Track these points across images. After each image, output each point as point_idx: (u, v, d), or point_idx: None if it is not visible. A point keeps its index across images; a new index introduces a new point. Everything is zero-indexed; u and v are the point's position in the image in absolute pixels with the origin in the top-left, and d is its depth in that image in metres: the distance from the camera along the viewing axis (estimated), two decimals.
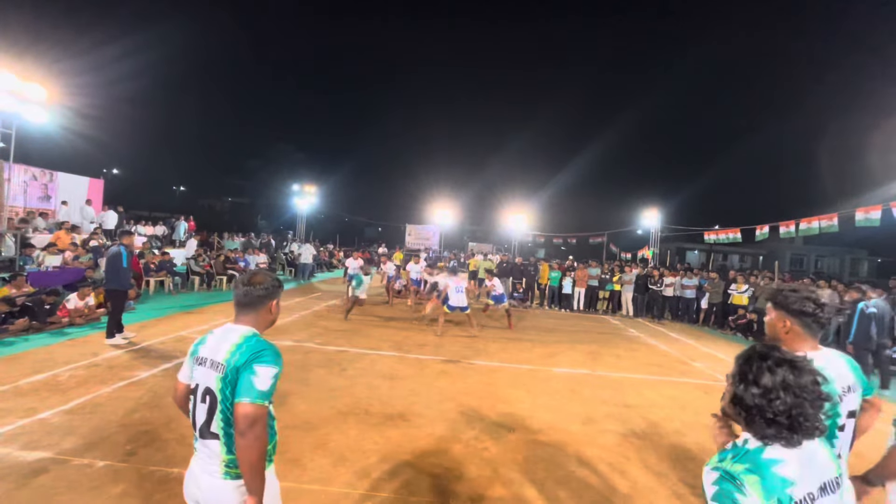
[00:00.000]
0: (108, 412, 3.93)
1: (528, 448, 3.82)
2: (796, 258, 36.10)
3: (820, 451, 1.16)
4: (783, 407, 1.10)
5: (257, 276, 1.71)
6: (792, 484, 1.08)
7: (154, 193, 38.02)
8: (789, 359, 1.17)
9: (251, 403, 1.46)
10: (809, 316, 1.66)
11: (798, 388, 1.12)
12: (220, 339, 1.61)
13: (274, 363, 1.54)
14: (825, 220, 10.27)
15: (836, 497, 1.14)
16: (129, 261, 6.22)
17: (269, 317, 1.73)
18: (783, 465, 1.10)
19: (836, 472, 1.16)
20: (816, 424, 1.12)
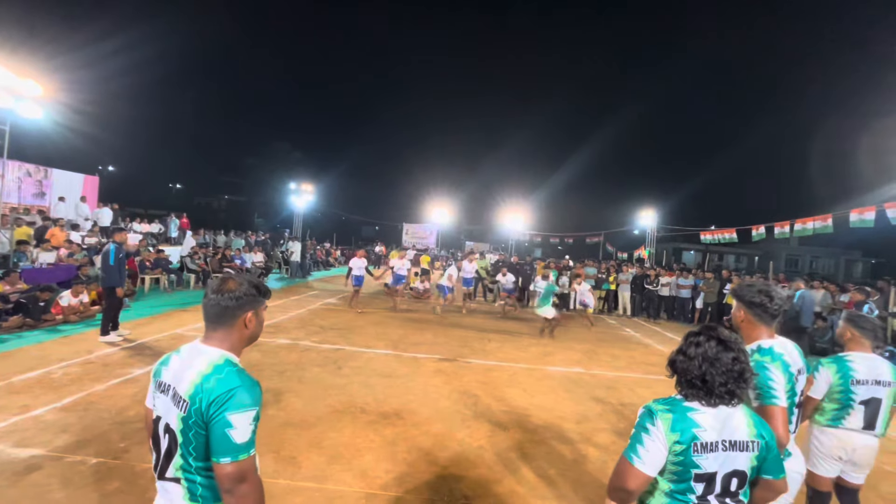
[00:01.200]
0: (101, 409, 3.91)
1: (523, 446, 3.83)
2: (791, 259, 36.35)
3: (737, 416, 1.38)
4: (698, 372, 1.39)
5: (228, 282, 1.39)
6: (700, 427, 1.34)
7: (150, 191, 37.83)
8: (722, 338, 1.42)
9: (233, 462, 1.21)
10: (759, 307, 1.86)
11: (713, 360, 1.38)
12: (184, 364, 1.32)
13: (251, 404, 1.25)
14: (820, 221, 10.34)
15: (746, 454, 1.36)
16: (117, 258, 6.18)
17: (244, 332, 1.40)
18: (697, 414, 1.36)
19: (751, 437, 1.37)
20: (725, 391, 1.37)
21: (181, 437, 1.27)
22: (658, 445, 1.35)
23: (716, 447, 1.33)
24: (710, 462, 1.33)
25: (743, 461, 1.36)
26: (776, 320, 1.91)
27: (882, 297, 9.11)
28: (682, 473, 1.35)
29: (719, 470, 1.35)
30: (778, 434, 1.65)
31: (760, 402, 1.74)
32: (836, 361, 2.48)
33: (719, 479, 1.35)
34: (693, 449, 1.32)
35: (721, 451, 1.34)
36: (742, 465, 1.36)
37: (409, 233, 32.09)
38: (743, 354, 1.41)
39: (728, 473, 1.36)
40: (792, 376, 1.82)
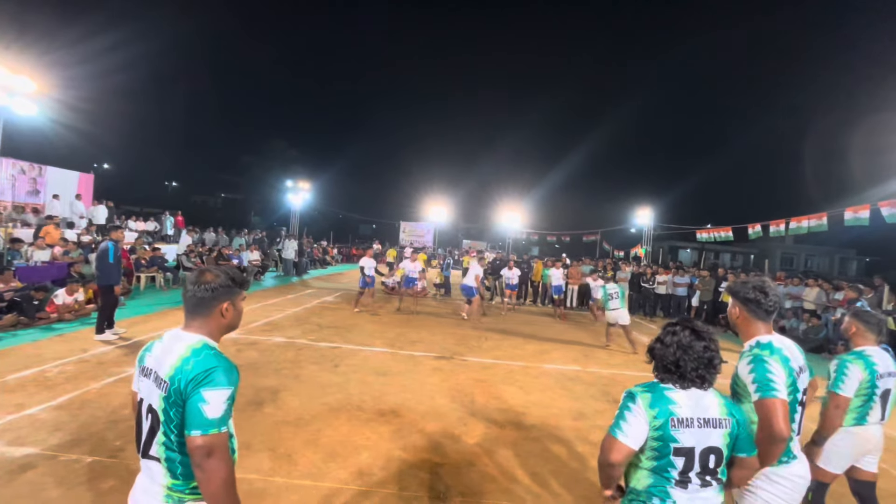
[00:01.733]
0: (96, 408, 3.90)
1: (519, 443, 3.84)
2: (787, 257, 36.54)
3: (708, 398, 1.53)
4: (672, 358, 1.54)
5: (205, 274, 1.48)
6: (676, 404, 1.49)
7: (146, 189, 37.59)
8: (696, 328, 1.58)
9: (202, 435, 1.27)
10: (754, 303, 1.89)
11: (685, 348, 1.53)
12: (165, 349, 1.40)
13: (226, 384, 1.33)
14: (815, 220, 10.39)
15: (719, 431, 1.49)
16: (116, 256, 6.16)
17: (222, 321, 1.48)
18: (673, 393, 1.52)
19: (723, 415, 1.50)
20: (697, 376, 1.52)
21: (163, 415, 1.34)
22: (639, 420, 1.49)
23: (691, 423, 1.47)
24: (688, 437, 1.46)
25: (717, 438, 1.48)
26: (772, 316, 1.92)
27: (876, 295, 9.17)
28: (662, 448, 1.47)
29: (696, 446, 1.47)
30: (778, 427, 1.65)
31: (760, 396, 1.72)
32: (860, 357, 2.44)
33: (698, 455, 1.46)
34: (671, 423, 1.46)
35: (696, 428, 1.47)
36: (716, 441, 1.48)
37: (406, 231, 32.06)
38: (713, 343, 1.55)
39: (705, 449, 1.47)
40: (793, 371, 1.80)
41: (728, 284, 2.55)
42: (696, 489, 1.48)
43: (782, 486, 1.81)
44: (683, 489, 1.48)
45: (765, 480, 1.82)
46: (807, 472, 1.86)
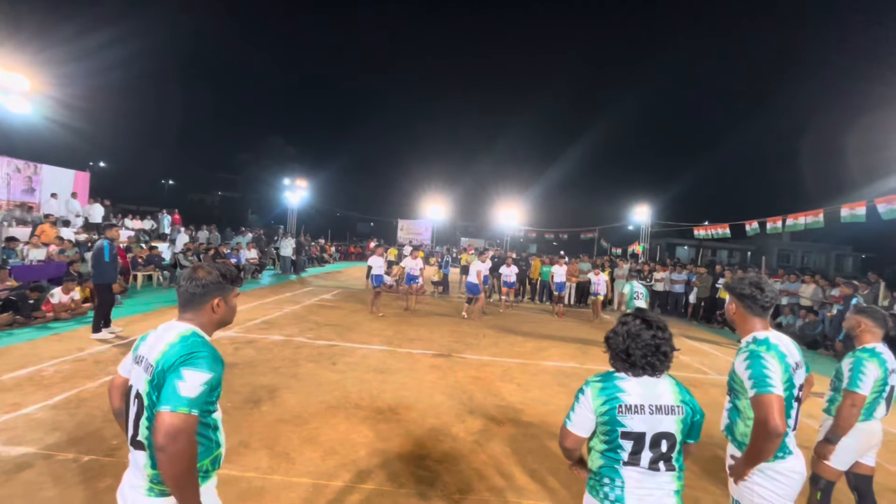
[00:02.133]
0: (93, 407, 3.88)
1: (517, 440, 3.85)
2: (783, 254, 36.68)
3: (660, 385, 1.58)
4: (622, 347, 1.62)
5: (199, 269, 1.51)
6: (624, 392, 1.56)
7: (142, 187, 37.41)
8: (646, 318, 1.64)
9: (171, 412, 1.24)
10: (750, 299, 1.91)
11: (634, 337, 1.60)
12: (158, 337, 1.43)
13: (207, 367, 1.33)
14: (811, 217, 10.41)
15: (672, 418, 1.55)
16: (111, 254, 6.13)
17: (213, 316, 1.51)
18: (623, 381, 1.59)
19: (676, 402, 1.56)
20: (646, 363, 1.58)
21: (146, 399, 1.35)
22: (585, 411, 1.61)
23: (641, 410, 1.53)
24: (637, 423, 1.53)
25: (669, 424, 1.54)
26: (768, 312, 1.94)
27: (872, 292, 9.21)
28: (610, 433, 1.55)
29: (647, 431, 1.53)
30: (774, 423, 1.66)
31: (756, 391, 1.73)
32: (874, 355, 2.42)
33: (648, 440, 1.54)
34: (618, 410, 1.54)
35: (648, 414, 1.53)
36: (669, 427, 1.54)
37: (404, 229, 32.00)
38: (662, 332, 1.61)
39: (657, 434, 1.54)
40: (789, 367, 1.81)
41: (725, 281, 2.56)
42: (646, 471, 1.54)
43: (779, 482, 1.82)
44: (633, 470, 1.54)
45: (761, 476, 1.83)
46: (803, 468, 1.87)
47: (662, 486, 1.55)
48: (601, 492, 1.58)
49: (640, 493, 1.53)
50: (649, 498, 1.53)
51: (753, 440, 1.76)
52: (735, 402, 1.94)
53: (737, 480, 1.88)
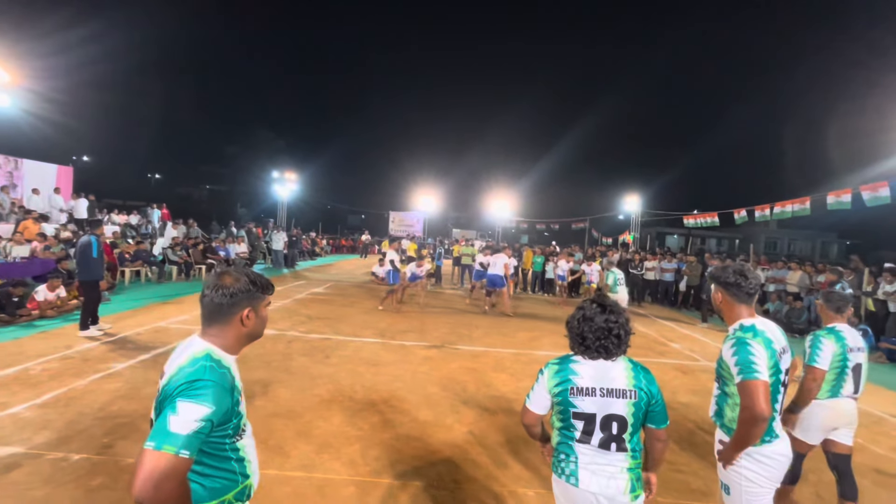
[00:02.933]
0: (82, 405, 3.84)
1: (510, 429, 3.88)
2: (770, 241, 37.20)
3: (615, 369, 1.65)
4: (577, 331, 1.71)
5: (225, 276, 1.32)
6: (577, 375, 1.65)
7: (127, 181, 36.75)
8: (603, 303, 1.71)
9: (153, 451, 1.04)
10: (734, 286, 1.95)
11: (588, 322, 1.68)
12: (176, 355, 1.29)
13: (208, 400, 1.13)
14: (798, 204, 10.55)
15: (623, 401, 1.61)
16: (99, 250, 6.03)
17: (242, 330, 1.33)
18: (578, 365, 1.68)
19: (629, 386, 1.62)
20: (600, 346, 1.65)
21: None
22: (541, 390, 1.72)
23: (592, 392, 1.62)
24: (588, 404, 1.62)
25: (620, 406, 1.61)
26: (753, 299, 1.97)
27: (857, 277, 9.39)
28: (564, 412, 1.66)
29: (598, 412, 1.61)
30: (760, 408, 1.70)
31: (742, 378, 1.76)
32: (831, 332, 2.61)
33: (599, 420, 1.62)
34: (570, 392, 1.63)
35: (599, 397, 1.62)
36: (619, 410, 1.61)
37: (395, 221, 31.90)
38: (615, 316, 1.68)
39: (607, 416, 1.61)
40: (775, 353, 1.85)
41: (710, 270, 2.69)
42: (597, 449, 1.63)
43: (765, 465, 1.86)
44: (585, 448, 1.64)
45: (748, 460, 1.86)
46: (789, 451, 1.91)
47: (614, 464, 1.62)
48: (559, 467, 1.69)
49: (593, 468, 1.62)
50: (601, 473, 1.61)
51: (740, 425, 1.80)
52: (723, 389, 1.97)
53: (725, 465, 1.92)
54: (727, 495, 1.93)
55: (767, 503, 1.87)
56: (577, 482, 1.62)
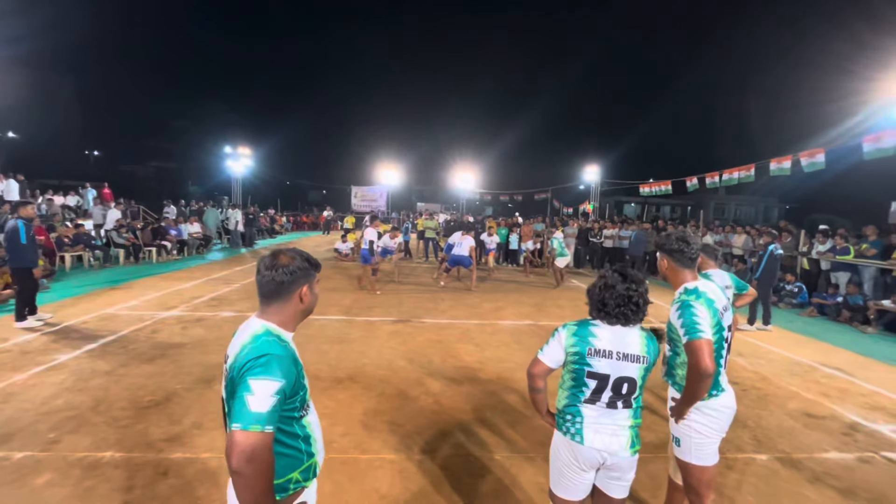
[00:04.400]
0: (23, 400, 3.59)
1: (477, 398, 3.98)
2: (719, 207, 39.16)
3: (631, 335, 1.73)
4: (598, 298, 1.77)
5: (280, 256, 1.37)
6: (596, 337, 1.73)
7: (63, 159, 33.78)
8: (624, 273, 1.78)
9: (243, 431, 1.12)
10: (678, 252, 2.06)
11: (609, 288, 1.75)
12: (237, 338, 1.34)
13: (278, 374, 1.19)
14: (744, 171, 11.09)
15: (636, 365, 1.71)
16: (28, 235, 5.54)
17: (300, 307, 1.39)
18: (596, 328, 1.75)
19: (642, 352, 1.72)
20: (619, 313, 1.72)
21: (226, 406, 1.28)
22: (557, 346, 1.79)
23: (609, 355, 1.70)
24: (604, 365, 1.70)
25: (632, 370, 1.71)
26: (695, 263, 2.09)
27: (794, 239, 10.08)
28: (579, 370, 1.74)
29: (612, 373, 1.70)
30: (705, 364, 1.80)
31: (688, 338, 1.86)
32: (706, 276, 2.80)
33: (612, 381, 1.71)
34: (588, 352, 1.72)
35: (615, 360, 1.70)
36: (632, 373, 1.71)
37: (358, 196, 31.20)
38: (636, 285, 1.74)
39: (619, 378, 1.70)
40: (717, 312, 1.96)
41: (654, 240, 2.81)
42: (605, 409, 1.72)
43: (713, 417, 1.99)
44: (591, 408, 1.73)
45: (698, 413, 1.98)
46: (734, 403, 2.06)
47: (617, 422, 1.72)
48: (563, 426, 1.78)
49: (597, 426, 1.72)
50: (605, 430, 1.71)
51: (689, 382, 1.90)
52: (674, 350, 2.07)
53: (677, 420, 2.03)
54: (678, 447, 2.06)
55: (713, 451, 2.01)
56: (582, 440, 1.72)
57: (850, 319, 7.60)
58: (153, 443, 3.05)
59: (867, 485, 2.92)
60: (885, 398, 4.40)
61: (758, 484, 2.89)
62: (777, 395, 4.33)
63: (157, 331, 5.59)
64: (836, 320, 7.84)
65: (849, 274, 8.45)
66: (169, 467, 2.79)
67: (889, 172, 14.29)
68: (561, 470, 1.80)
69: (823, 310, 8.21)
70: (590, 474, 1.77)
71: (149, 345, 5.05)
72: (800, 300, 8.89)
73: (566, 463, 1.77)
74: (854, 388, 4.62)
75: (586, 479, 1.77)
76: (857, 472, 3.07)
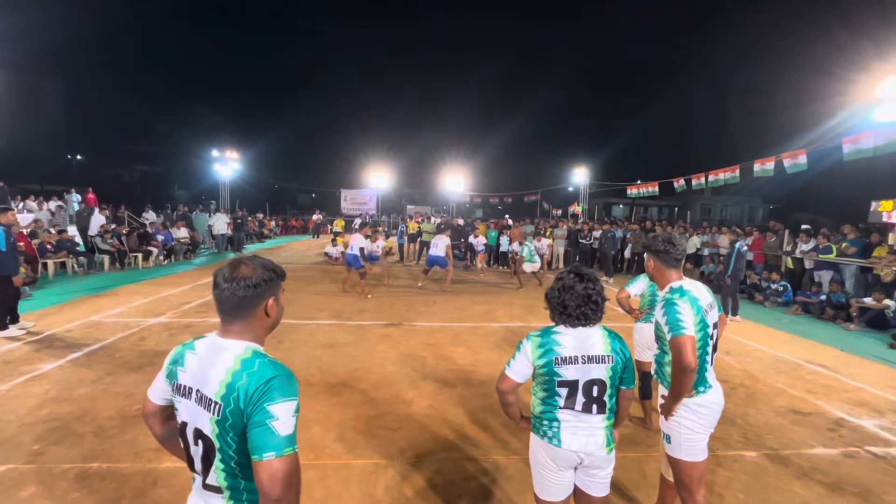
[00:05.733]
0: (6, 412, 3.50)
1: (469, 400, 3.98)
2: (705, 208, 39.77)
3: (594, 336, 1.77)
4: (558, 300, 1.80)
5: (241, 267, 1.23)
6: (560, 345, 1.75)
7: (44, 164, 33.08)
8: (580, 272, 1.82)
9: (279, 458, 1.08)
10: (664, 253, 2.11)
11: (568, 290, 1.77)
12: (205, 363, 1.19)
13: (290, 393, 1.15)
14: (729, 172, 11.29)
15: (602, 366, 1.74)
16: (9, 243, 5.41)
17: (267, 321, 1.28)
18: (560, 335, 1.77)
19: (606, 351, 1.75)
20: (580, 313, 1.76)
21: (218, 441, 1.16)
22: (524, 361, 1.80)
23: (575, 360, 1.73)
24: (571, 372, 1.73)
25: (599, 371, 1.74)
26: (681, 263, 2.15)
27: (778, 237, 10.27)
28: (549, 381, 1.76)
29: (580, 378, 1.73)
30: (687, 359, 1.87)
31: (672, 335, 1.92)
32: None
33: (581, 386, 1.74)
34: (555, 362, 1.73)
35: (581, 364, 1.73)
36: (599, 374, 1.74)
37: (347, 199, 31.05)
38: (593, 284, 1.79)
39: (588, 381, 1.74)
40: (701, 309, 2.00)
41: (642, 241, 2.90)
42: (580, 413, 1.75)
43: (701, 414, 2.02)
44: (568, 413, 1.76)
45: (686, 410, 2.02)
46: (721, 399, 2.10)
47: (593, 424, 1.76)
48: (541, 430, 1.81)
49: (574, 429, 1.75)
50: (581, 433, 1.75)
51: (674, 378, 1.96)
52: (662, 348, 2.10)
53: (667, 417, 2.06)
54: (668, 444, 2.09)
55: (703, 447, 2.04)
56: (559, 443, 1.75)
57: (834, 317, 7.76)
58: (141, 452, 3.00)
59: (853, 479, 2.99)
60: (868, 394, 4.50)
61: (747, 480, 2.93)
62: (764, 393, 4.40)
63: (144, 338, 5.49)
64: (820, 318, 8.00)
65: (831, 272, 8.64)
66: (158, 477, 2.75)
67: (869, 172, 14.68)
68: (541, 472, 1.84)
69: (808, 308, 8.38)
70: (568, 473, 1.80)
71: (136, 352, 4.96)
72: (784, 299, 9.05)
73: (544, 465, 1.81)
74: (838, 385, 4.72)
75: (565, 478, 1.81)
76: (843, 467, 3.13)
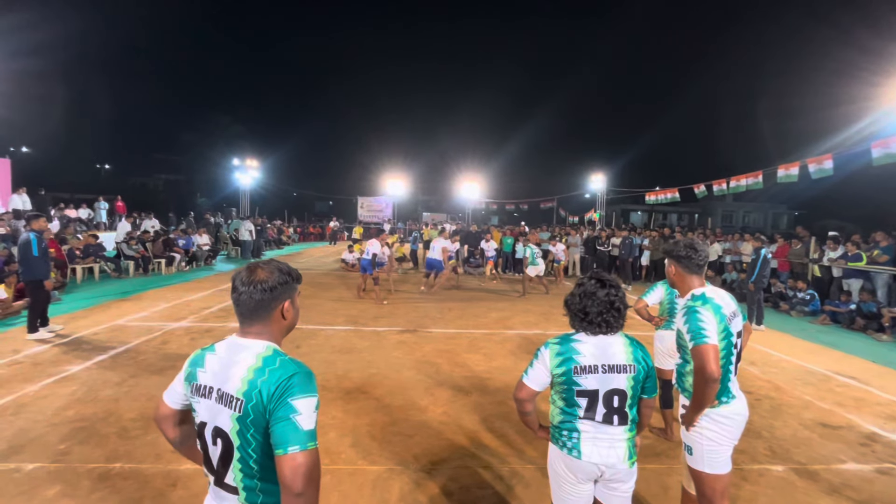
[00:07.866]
0: (35, 412, 3.62)
1: (485, 407, 3.95)
2: (727, 214, 38.93)
3: (615, 344, 1.71)
4: (579, 306, 1.74)
5: (258, 271, 1.28)
6: (580, 353, 1.69)
7: (75, 173, 34.36)
8: (601, 278, 1.76)
9: (303, 451, 1.10)
10: (686, 259, 2.08)
11: (589, 296, 1.72)
12: (226, 362, 1.23)
13: (311, 390, 1.18)
14: (752, 178, 11.03)
15: (623, 376, 1.68)
16: (41, 248, 5.62)
17: (283, 323, 1.32)
18: (579, 343, 1.71)
19: (628, 361, 1.69)
20: (602, 321, 1.70)
21: (238, 438, 1.18)
22: (542, 368, 1.75)
23: (595, 369, 1.67)
24: (591, 381, 1.67)
25: (620, 381, 1.68)
26: (703, 270, 2.10)
27: (804, 245, 9.96)
28: (568, 391, 1.70)
29: (600, 388, 1.67)
30: (710, 369, 1.81)
31: (694, 343, 1.86)
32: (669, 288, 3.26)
33: (601, 396, 1.68)
34: (574, 371, 1.68)
35: (601, 373, 1.67)
36: (620, 384, 1.68)
37: (364, 206, 31.35)
38: (615, 290, 1.73)
39: (609, 391, 1.68)
40: (724, 318, 1.94)
41: (663, 247, 2.91)
42: (601, 424, 1.69)
43: (724, 425, 1.96)
44: (588, 424, 1.70)
45: (709, 420, 1.95)
46: (745, 409, 2.02)
47: (614, 436, 1.70)
48: (560, 440, 1.75)
49: (594, 440, 1.70)
50: (602, 444, 1.69)
51: (696, 387, 1.89)
52: (683, 357, 2.05)
53: (688, 427, 2.00)
54: (690, 455, 2.02)
55: (726, 459, 1.97)
56: (579, 455, 1.69)
57: (864, 327, 7.47)
58: (162, 454, 3.06)
59: (887, 497, 2.85)
60: None
61: (774, 496, 2.83)
62: (791, 405, 4.25)
63: (166, 342, 5.62)
64: (849, 328, 7.71)
65: (861, 281, 8.33)
66: (178, 479, 2.79)
67: None
68: (560, 484, 1.78)
69: (836, 317, 8.08)
70: (588, 486, 1.74)
71: (158, 356, 5.08)
72: (811, 308, 8.76)
73: (564, 477, 1.76)
74: (870, 398, 4.52)
75: (585, 491, 1.75)
76: (877, 484, 2.99)
